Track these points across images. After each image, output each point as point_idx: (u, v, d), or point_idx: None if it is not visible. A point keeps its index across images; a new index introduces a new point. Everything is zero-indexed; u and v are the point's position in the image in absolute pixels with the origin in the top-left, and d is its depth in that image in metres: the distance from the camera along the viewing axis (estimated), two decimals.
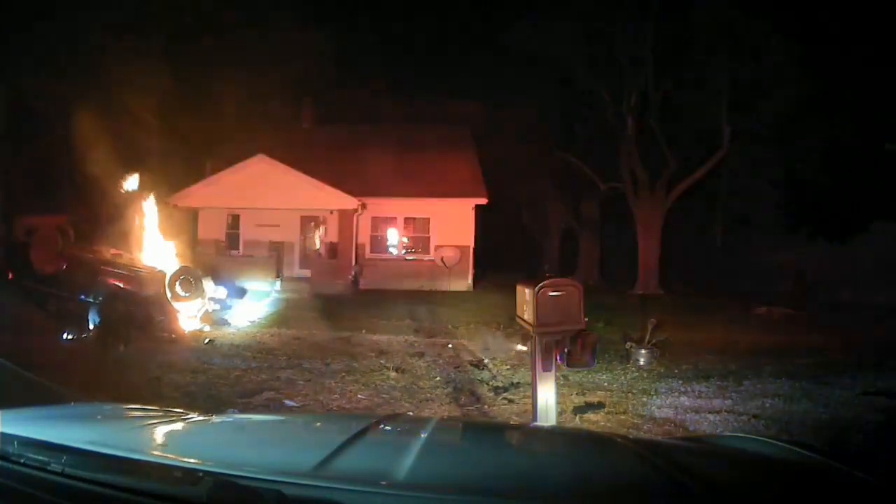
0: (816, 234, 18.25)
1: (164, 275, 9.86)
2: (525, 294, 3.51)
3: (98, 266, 9.98)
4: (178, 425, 1.98)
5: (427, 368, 7.49)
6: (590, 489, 1.39)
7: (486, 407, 5.86)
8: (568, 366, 3.46)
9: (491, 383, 6.75)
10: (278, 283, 16.20)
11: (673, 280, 18.79)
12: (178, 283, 9.86)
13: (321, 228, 18.35)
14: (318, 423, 2.43)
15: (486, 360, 7.95)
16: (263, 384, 6.44)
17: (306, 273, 17.57)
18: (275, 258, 16.98)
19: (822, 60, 15.61)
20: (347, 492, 1.16)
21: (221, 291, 11.20)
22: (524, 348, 7.98)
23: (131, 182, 11.12)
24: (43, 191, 16.86)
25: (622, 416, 5.45)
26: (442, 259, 18.31)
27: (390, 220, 19.07)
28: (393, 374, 7.04)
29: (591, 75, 18.36)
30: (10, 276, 11.04)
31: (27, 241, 10.84)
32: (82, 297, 9.43)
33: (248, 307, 12.35)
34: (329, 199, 17.41)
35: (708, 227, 23.01)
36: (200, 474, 1.22)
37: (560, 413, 4.53)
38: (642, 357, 7.81)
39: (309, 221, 18.74)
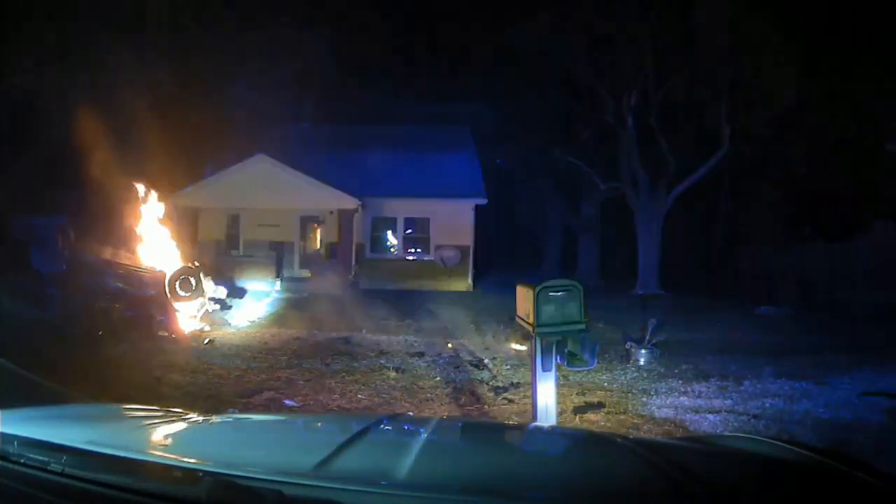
0: (816, 234, 18.24)
1: (164, 275, 9.85)
2: (525, 294, 3.51)
3: (98, 266, 9.98)
4: (178, 425, 1.98)
5: (427, 368, 7.49)
6: (590, 489, 1.39)
7: (486, 407, 5.86)
8: (568, 366, 3.46)
9: (491, 383, 6.74)
10: (278, 283, 16.19)
11: (673, 280, 18.78)
12: (178, 283, 9.86)
13: (321, 228, 18.35)
14: (318, 423, 2.43)
15: (486, 360, 7.95)
16: (263, 384, 6.44)
17: (306, 273, 17.56)
18: (275, 258, 16.96)
19: (823, 60, 15.61)
20: (347, 492, 1.15)
21: (221, 291, 11.20)
22: (524, 348, 7.99)
23: (131, 182, 11.11)
24: (43, 191, 16.85)
25: (622, 416, 5.45)
26: (442, 259, 18.31)
27: (390, 220, 19.07)
28: (393, 374, 7.03)
29: (591, 75, 18.36)
30: (10, 276, 11.02)
31: (27, 241, 10.84)
32: (82, 296, 9.43)
33: (248, 307, 12.35)
34: (329, 199, 17.41)
35: (708, 227, 23.00)
36: (200, 474, 1.22)
37: (560, 413, 4.53)
38: (642, 357, 7.82)
39: (309, 221, 18.73)
